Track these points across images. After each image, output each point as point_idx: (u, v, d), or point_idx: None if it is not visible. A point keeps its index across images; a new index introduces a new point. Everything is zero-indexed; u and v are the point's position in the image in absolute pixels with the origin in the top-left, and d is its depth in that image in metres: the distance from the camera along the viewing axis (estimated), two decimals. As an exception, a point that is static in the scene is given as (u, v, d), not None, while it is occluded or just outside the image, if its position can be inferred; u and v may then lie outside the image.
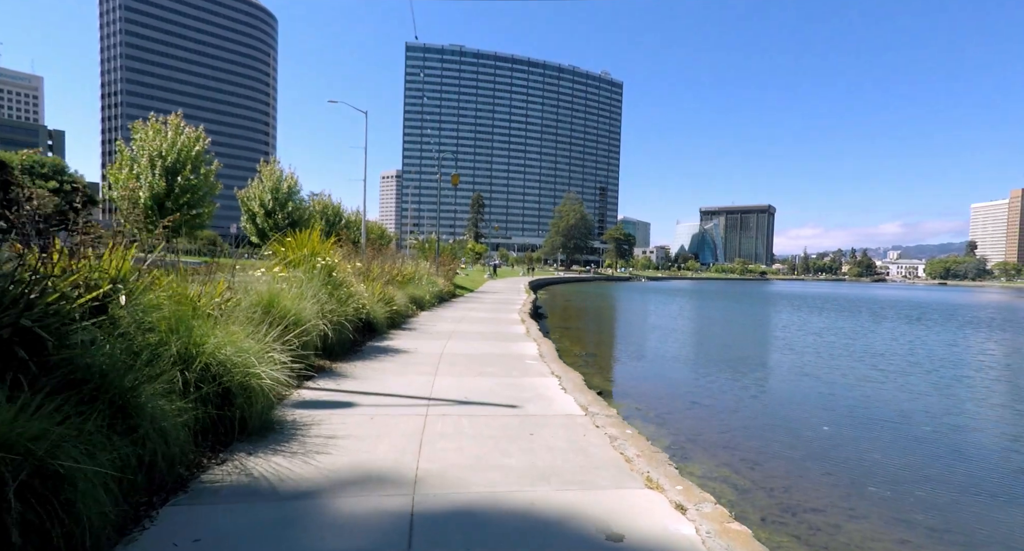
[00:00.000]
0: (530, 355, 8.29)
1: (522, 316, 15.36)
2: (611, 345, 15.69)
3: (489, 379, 6.39)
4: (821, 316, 27.33)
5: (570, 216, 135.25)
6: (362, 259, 12.41)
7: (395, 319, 11.46)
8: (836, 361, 13.03)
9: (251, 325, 5.12)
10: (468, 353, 8.31)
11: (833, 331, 19.56)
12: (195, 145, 18.36)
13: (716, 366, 12.41)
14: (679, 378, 11.03)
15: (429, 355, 7.95)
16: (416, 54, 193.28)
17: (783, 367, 12.28)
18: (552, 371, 6.94)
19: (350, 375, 6.29)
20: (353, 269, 10.06)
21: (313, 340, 6.52)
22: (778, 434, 7.21)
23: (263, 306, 5.84)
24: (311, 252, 7.96)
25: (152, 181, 17.09)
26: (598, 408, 5.13)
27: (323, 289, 7.45)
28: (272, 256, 8.07)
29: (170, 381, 3.39)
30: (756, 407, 8.70)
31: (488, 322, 13.27)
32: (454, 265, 27.12)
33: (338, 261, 8.37)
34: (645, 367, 12.24)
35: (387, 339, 9.51)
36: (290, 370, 4.71)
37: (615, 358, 13.45)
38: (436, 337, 10.12)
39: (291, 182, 30.70)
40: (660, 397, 9.26)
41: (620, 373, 11.44)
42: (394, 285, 13.77)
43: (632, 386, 10.08)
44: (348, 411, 4.74)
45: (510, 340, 10.17)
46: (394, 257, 16.24)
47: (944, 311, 35.38)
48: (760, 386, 10.27)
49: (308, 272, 7.57)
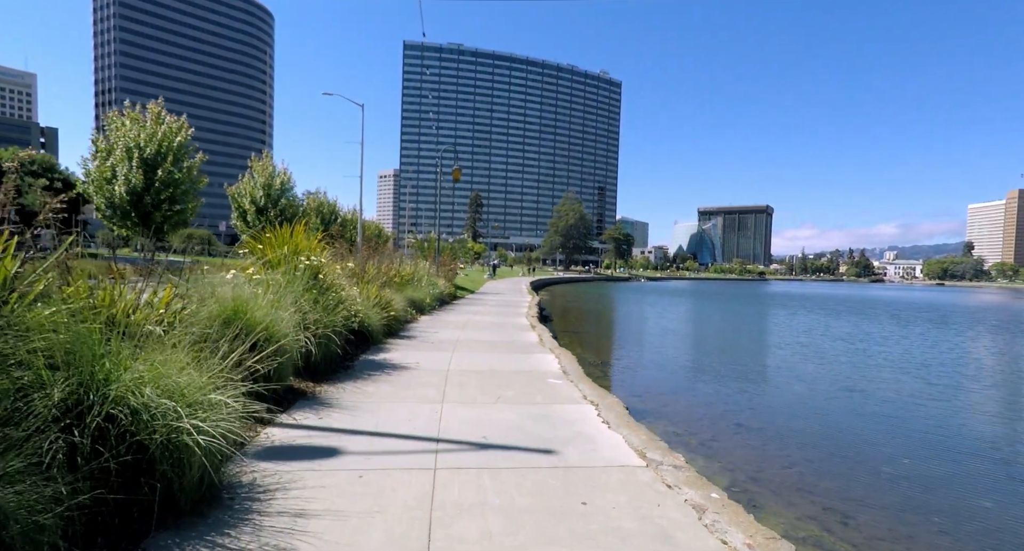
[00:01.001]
0: (551, 371, 7.07)
1: (531, 321, 14.14)
2: (625, 352, 14.48)
3: (510, 408, 5.17)
4: (839, 319, 26.18)
5: (569, 216, 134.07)
6: (356, 259, 11.17)
7: (393, 326, 10.24)
8: (878, 372, 11.86)
9: (206, 345, 3.90)
10: (479, 369, 7.08)
11: (860, 337, 18.39)
12: (177, 136, 17.05)
13: (746, 378, 11.22)
14: (711, 393, 9.83)
15: (433, 372, 6.72)
16: (414, 53, 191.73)
17: (822, 381, 11.09)
18: (584, 395, 5.72)
19: (337, 403, 5.06)
20: (344, 270, 8.82)
21: (293, 357, 5.29)
22: (852, 470, 6.01)
23: (224, 318, 4.60)
24: (293, 250, 6.73)
25: (128, 174, 15.77)
26: (659, 453, 3.91)
27: (306, 294, 6.22)
28: (248, 255, 6.83)
29: (40, 449, 2.16)
30: (811, 431, 7.50)
31: (496, 328, 12.05)
32: (454, 265, 25.89)
33: (326, 261, 7.13)
34: (669, 379, 11.05)
35: (384, 350, 8.28)
36: (256, 400, 3.50)
37: (633, 368, 12.23)
38: (439, 347, 8.89)
39: (284, 178, 29.41)
40: (697, 417, 8.07)
41: (643, 386, 10.22)
42: (391, 287, 12.54)
43: (661, 403, 8.87)
44: (329, 464, 3.51)
45: (523, 351, 8.95)
46: (391, 256, 15.03)
47: (963, 313, 34.32)
48: (804, 404, 9.09)
49: (289, 274, 6.34)
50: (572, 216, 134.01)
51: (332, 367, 6.40)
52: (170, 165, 16.55)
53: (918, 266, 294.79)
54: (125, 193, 15.56)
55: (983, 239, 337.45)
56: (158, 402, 2.65)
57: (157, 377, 2.81)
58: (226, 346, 4.18)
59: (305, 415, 4.57)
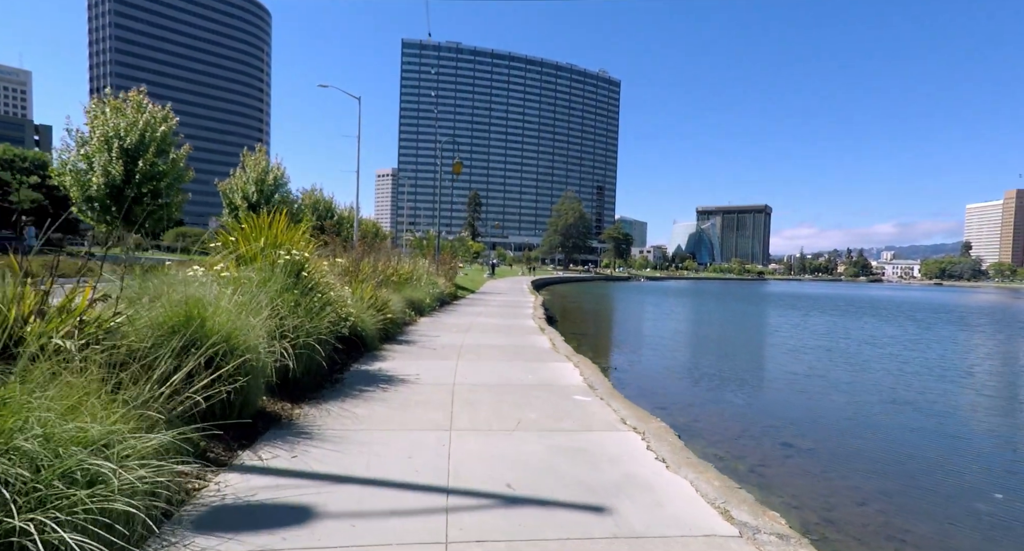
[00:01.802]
0: (574, 384, 6.06)
1: (539, 323, 13.14)
2: (638, 356, 13.46)
3: (535, 437, 4.16)
4: (855, 320, 25.23)
5: (569, 215, 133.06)
6: (350, 255, 10.14)
7: (390, 330, 9.22)
8: (920, 381, 10.88)
9: (140, 364, 2.92)
10: (490, 382, 6.07)
11: (885, 340, 17.41)
12: (161, 125, 15.95)
13: (776, 387, 10.23)
14: (742, 404, 8.83)
15: (436, 387, 5.71)
16: (412, 51, 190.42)
17: (863, 390, 10.10)
18: (622, 418, 4.71)
19: (318, 431, 4.04)
20: (334, 267, 7.81)
21: (266, 373, 4.27)
22: (941, 508, 5.01)
23: (172, 326, 3.58)
24: (272, 243, 5.70)
25: (107, 164, 14.66)
26: (747, 510, 2.91)
27: (286, 295, 5.20)
28: (221, 249, 5.80)
29: None
30: (871, 454, 6.51)
31: (503, 332, 11.03)
32: (455, 264, 24.87)
33: (312, 256, 6.10)
34: (692, 387, 10.04)
35: (379, 359, 7.25)
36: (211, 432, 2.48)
37: (650, 374, 11.21)
38: (442, 354, 7.87)
39: (278, 173, 28.28)
40: (735, 435, 7.07)
41: (669, 398, 9.21)
42: (389, 287, 11.53)
43: (690, 416, 7.86)
44: (299, 538, 2.49)
45: (537, 358, 7.93)
46: (389, 254, 14.01)
47: (979, 314, 33.43)
48: (852, 419, 8.09)
49: (265, 271, 5.31)
50: (571, 215, 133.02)
51: (316, 382, 5.38)
52: (152, 156, 15.46)
53: (916, 266, 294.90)
54: (103, 185, 14.45)
55: (981, 239, 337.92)
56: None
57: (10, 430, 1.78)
58: (169, 364, 3.18)
59: (275, 452, 3.55)
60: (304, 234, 6.15)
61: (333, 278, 8.63)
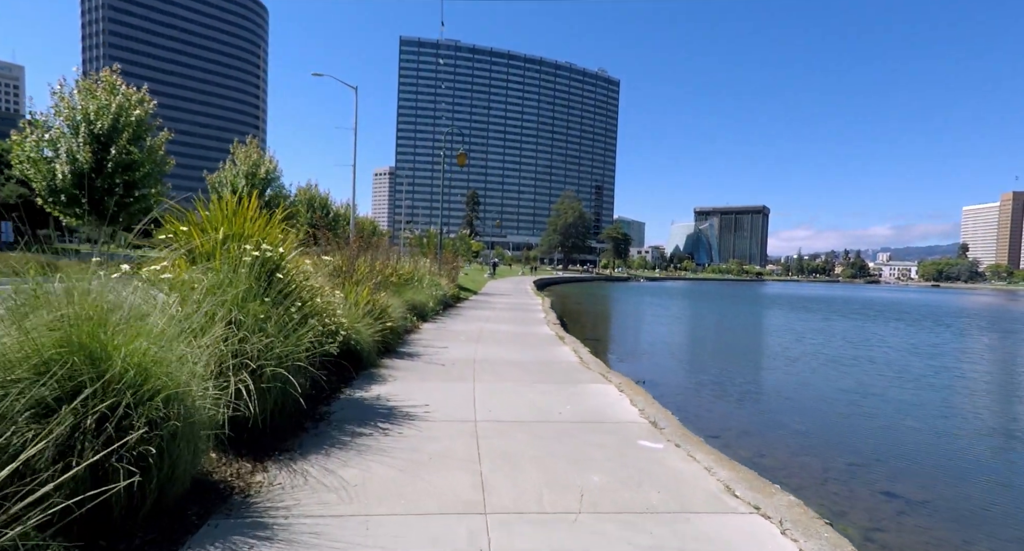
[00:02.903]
0: (631, 421, 4.66)
1: (555, 330, 11.75)
2: (663, 367, 12.05)
3: (616, 528, 2.75)
4: (886, 326, 23.90)
5: (568, 214, 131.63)
6: (343, 254, 8.73)
7: (390, 340, 7.81)
8: (1002, 404, 9.53)
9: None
10: (522, 417, 4.66)
11: (931, 350, 15.99)
12: (136, 109, 14.45)
13: (838, 411, 8.84)
14: (808, 433, 7.42)
15: (453, 426, 4.30)
16: (411, 49, 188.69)
17: (942, 417, 8.68)
18: (726, 485, 3.31)
19: (284, 523, 2.62)
20: (321, 267, 6.42)
21: (215, 419, 2.86)
22: None
23: (46, 361, 2.18)
24: (237, 234, 4.29)
25: (73, 150, 13.13)
26: None
27: (252, 306, 3.79)
28: (171, 242, 4.36)
29: None
30: (1010, 514, 5.15)
31: (519, 342, 9.63)
32: (458, 263, 23.45)
33: (288, 252, 4.68)
34: (740, 409, 8.62)
35: (377, 380, 5.85)
36: None
37: (685, 392, 9.78)
38: (454, 373, 6.47)
39: (270, 166, 26.83)
40: (821, 480, 5.68)
41: (717, 422, 7.80)
42: (388, 289, 10.12)
43: (756, 451, 6.44)
44: None
45: (569, 378, 6.52)
46: (387, 253, 12.60)
47: (1011, 320, 32.18)
48: (951, 458, 6.71)
49: (225, 272, 3.90)
50: (571, 214, 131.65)
51: (292, 421, 3.97)
52: (126, 143, 13.97)
53: (913, 267, 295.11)
54: (69, 174, 12.93)
55: (977, 241, 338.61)
56: None
57: None
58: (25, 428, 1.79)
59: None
60: (279, 226, 4.73)
61: (322, 280, 7.22)
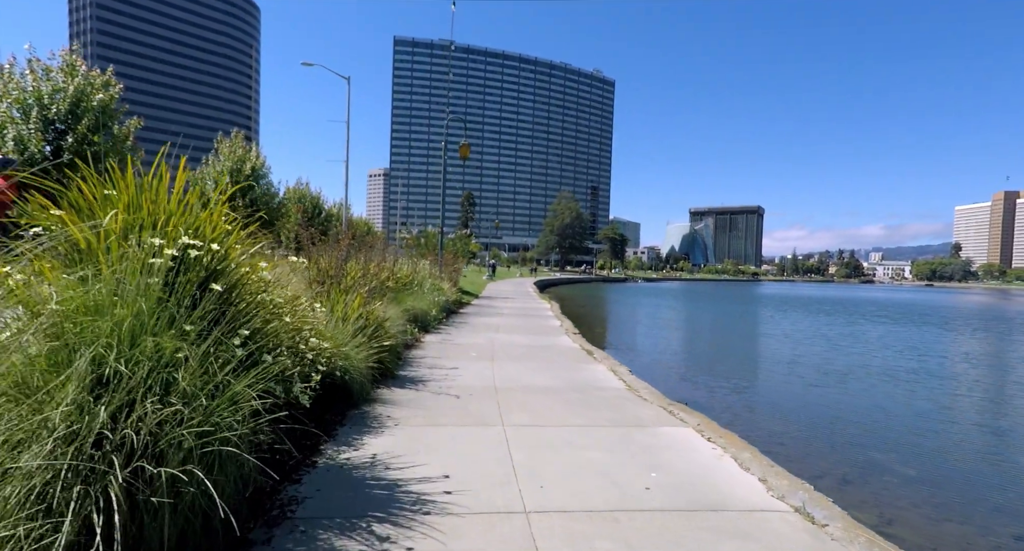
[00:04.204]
0: (759, 503, 3.07)
1: (578, 342, 10.16)
2: (720, 389, 10.48)
3: None
4: (919, 330, 22.52)
5: (565, 214, 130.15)
6: (326, 255, 7.10)
7: (387, 363, 6.20)
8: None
9: None
10: (593, 504, 3.03)
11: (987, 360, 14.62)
12: (98, 93, 12.75)
13: (910, 426, 7.33)
14: (921, 480, 5.90)
15: (491, 526, 2.71)
16: (404, 49, 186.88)
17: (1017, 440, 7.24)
18: None
19: None
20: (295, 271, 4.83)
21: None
22: None
23: None
24: (146, 220, 2.69)
25: (23, 137, 11.41)
26: None
27: (149, 343, 2.19)
28: (42, 233, 2.75)
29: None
30: None
31: (541, 358, 8.02)
32: (459, 265, 21.84)
33: (229, 250, 3.06)
34: (836, 450, 7.03)
35: (370, 427, 4.24)
36: None
37: (777, 426, 8.13)
38: (473, 412, 4.86)
39: (257, 163, 25.08)
40: (944, 528, 4.17)
41: (815, 463, 6.23)
42: (385, 296, 8.51)
43: (882, 515, 4.92)
44: None
45: (628, 417, 4.90)
46: (383, 252, 11.00)
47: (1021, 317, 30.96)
48: None
49: (109, 282, 2.29)
50: (568, 215, 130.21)
51: (224, 540, 2.35)
52: (86, 130, 12.29)
53: (907, 267, 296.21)
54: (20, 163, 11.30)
55: (969, 240, 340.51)
56: None
57: None
58: None
59: None
60: (223, 209, 3.13)
61: (302, 288, 5.61)
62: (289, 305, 4.08)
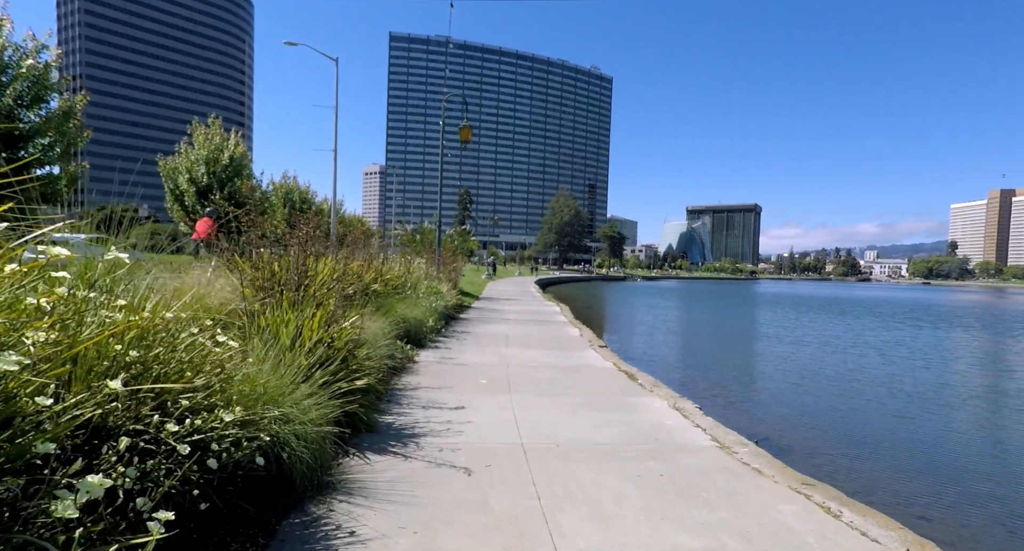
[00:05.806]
0: None
1: (612, 359, 8.16)
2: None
3: None
4: (948, 333, 20.68)
5: (564, 212, 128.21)
6: (288, 257, 5.08)
7: (360, 412, 4.19)
8: None
9: None
10: None
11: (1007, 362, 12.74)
12: (28, 59, 10.59)
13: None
14: None
15: None
16: (400, 45, 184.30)
17: None
18: None
19: None
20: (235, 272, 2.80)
21: None
22: None
23: None
24: None
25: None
26: None
27: None
28: None
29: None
30: None
31: (574, 389, 5.99)
32: (459, 264, 19.83)
33: None
34: (925, 481, 5.14)
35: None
36: None
37: (825, 448, 6.26)
38: (491, 506, 2.78)
39: (236, 152, 22.91)
40: None
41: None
42: (369, 305, 6.49)
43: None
44: None
45: (758, 520, 2.95)
46: (369, 249, 8.97)
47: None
48: None
49: None
50: (567, 212, 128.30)
51: None
52: (12, 102, 10.17)
53: (903, 265, 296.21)
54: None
55: (965, 238, 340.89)
56: None
57: None
58: None
59: None
60: None
61: (233, 299, 3.63)
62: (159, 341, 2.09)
